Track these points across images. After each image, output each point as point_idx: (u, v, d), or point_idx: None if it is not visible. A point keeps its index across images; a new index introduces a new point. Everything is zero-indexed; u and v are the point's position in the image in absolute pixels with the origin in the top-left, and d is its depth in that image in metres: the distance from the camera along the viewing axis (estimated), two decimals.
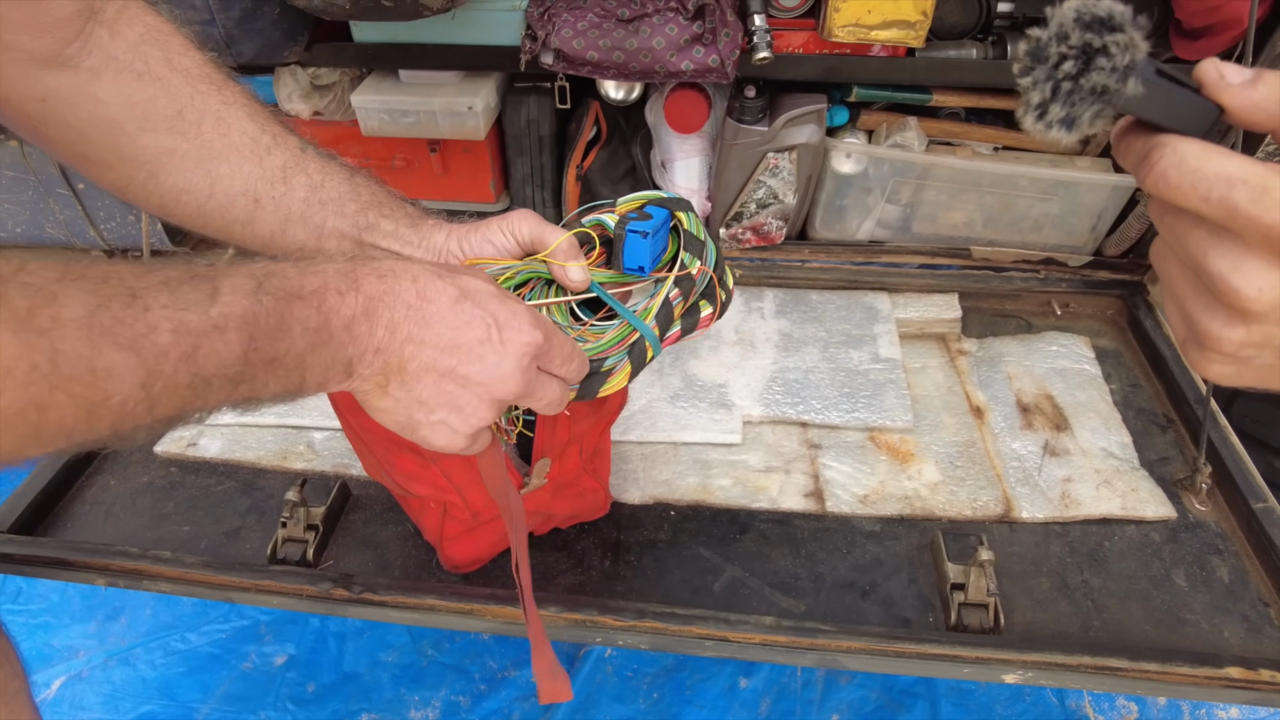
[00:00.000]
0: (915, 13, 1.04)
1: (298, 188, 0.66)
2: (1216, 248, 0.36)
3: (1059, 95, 0.35)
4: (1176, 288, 0.40)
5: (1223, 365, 0.39)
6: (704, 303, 0.75)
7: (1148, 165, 0.36)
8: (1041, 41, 0.35)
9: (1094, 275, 1.34)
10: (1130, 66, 0.34)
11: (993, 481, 1.05)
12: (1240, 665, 0.81)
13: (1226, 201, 0.34)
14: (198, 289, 0.46)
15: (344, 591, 0.89)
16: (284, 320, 0.48)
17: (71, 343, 0.39)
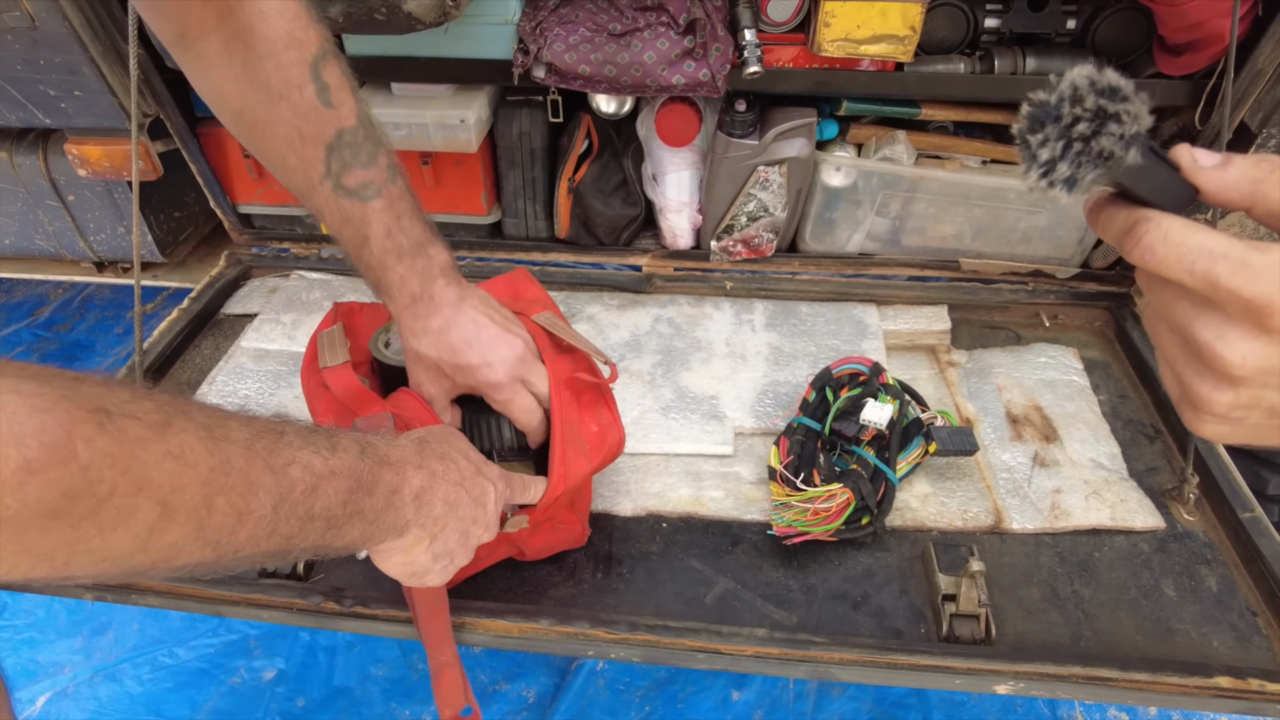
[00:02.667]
0: (904, 28, 1.06)
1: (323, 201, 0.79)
2: (1201, 318, 0.38)
3: (1068, 155, 0.36)
4: (1168, 352, 0.41)
5: (1216, 425, 0.40)
6: None
7: (1133, 238, 0.38)
8: (1052, 103, 0.37)
9: (1081, 287, 1.36)
10: (1136, 136, 0.36)
11: (983, 493, 1.05)
12: (1230, 674, 0.82)
13: (1209, 275, 0.36)
14: (321, 440, 0.56)
15: (335, 605, 0.88)
16: (376, 481, 0.59)
17: (237, 456, 0.47)
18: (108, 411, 0.41)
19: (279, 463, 0.51)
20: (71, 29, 1.11)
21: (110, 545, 0.41)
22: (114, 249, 1.54)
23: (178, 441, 0.44)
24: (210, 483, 0.45)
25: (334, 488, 0.55)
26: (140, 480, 0.41)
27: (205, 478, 0.45)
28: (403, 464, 0.63)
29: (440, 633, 0.84)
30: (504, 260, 1.40)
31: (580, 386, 0.88)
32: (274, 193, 1.41)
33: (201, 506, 0.45)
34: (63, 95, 1.21)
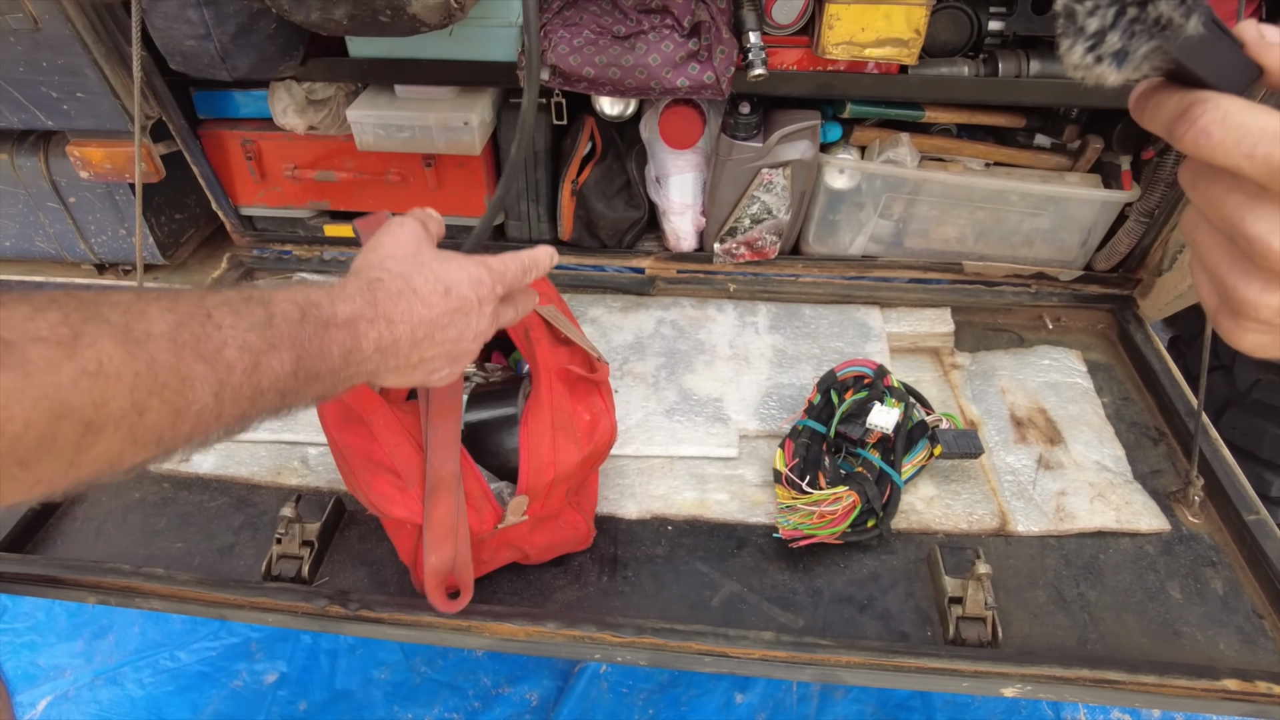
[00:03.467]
0: (908, 31, 1.06)
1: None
2: (1256, 209, 0.35)
3: (1120, 23, 0.33)
4: (1209, 255, 0.38)
5: (1258, 334, 0.38)
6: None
7: (1187, 120, 0.35)
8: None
9: (1084, 289, 1.36)
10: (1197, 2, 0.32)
11: (988, 495, 1.05)
12: (1236, 677, 0.82)
13: (1271, 159, 0.33)
14: (255, 311, 0.52)
15: (340, 609, 0.88)
16: (326, 346, 0.56)
17: (163, 352, 0.45)
18: (7, 342, 0.38)
19: (210, 348, 0.48)
20: (74, 31, 1.10)
21: (36, 474, 0.40)
22: (115, 251, 1.54)
23: (93, 354, 0.41)
24: (138, 389, 0.43)
25: (278, 360, 0.52)
26: (57, 407, 0.39)
27: (131, 385, 0.43)
28: (354, 321, 0.59)
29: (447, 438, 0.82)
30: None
31: (573, 378, 0.89)
32: (276, 195, 1.40)
33: (132, 413, 0.43)
34: (65, 97, 1.20)
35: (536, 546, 0.92)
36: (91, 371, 0.41)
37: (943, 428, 1.04)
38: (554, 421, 0.86)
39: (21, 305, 0.41)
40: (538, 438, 0.84)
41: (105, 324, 0.43)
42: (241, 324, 0.50)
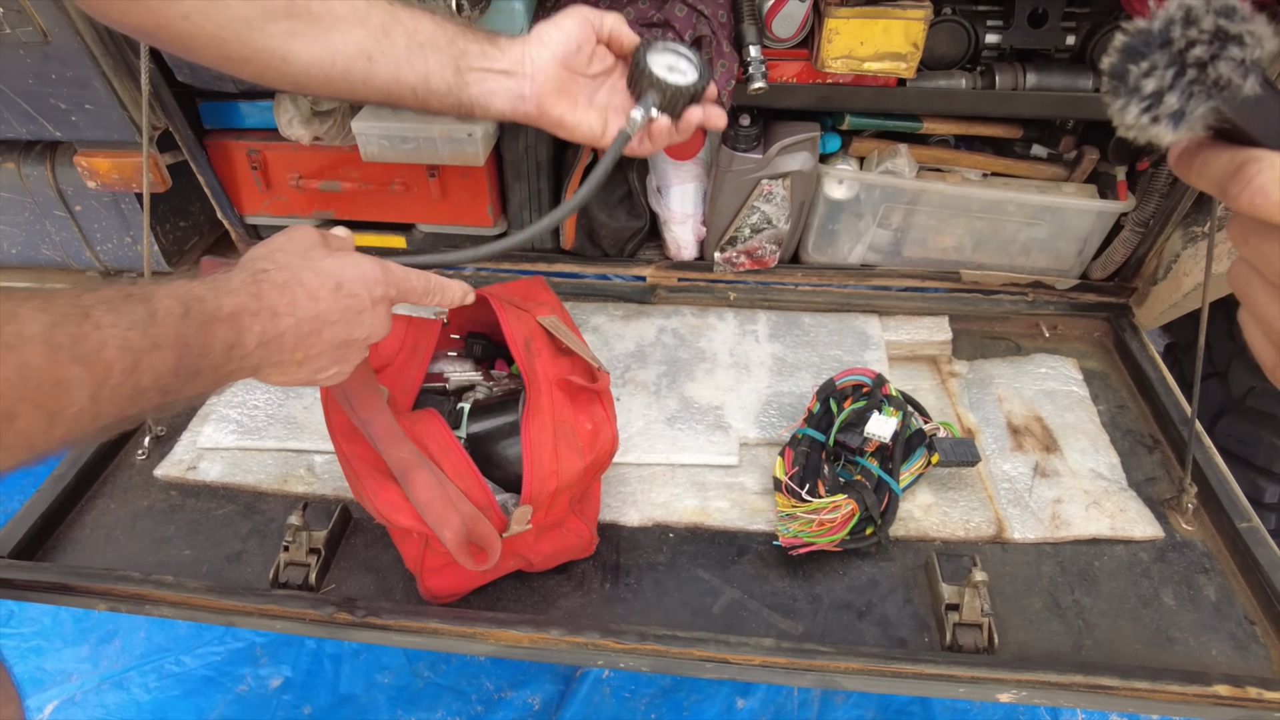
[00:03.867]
0: (906, 44, 1.07)
1: (398, 37, 0.75)
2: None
3: (1178, 85, 0.33)
4: (1264, 311, 0.39)
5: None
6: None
7: (1242, 180, 0.35)
8: (1157, 28, 0.33)
9: (1081, 298, 1.37)
10: (1257, 61, 0.33)
11: (985, 503, 1.06)
12: (1228, 683, 0.83)
13: None
14: (136, 310, 0.51)
15: (347, 615, 0.89)
16: (208, 342, 0.55)
17: (34, 356, 0.44)
18: None
19: (87, 349, 0.47)
20: (84, 44, 1.12)
21: None
22: (120, 258, 1.55)
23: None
24: (5, 395, 0.42)
25: (160, 359, 0.51)
26: None
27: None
28: (238, 314, 0.58)
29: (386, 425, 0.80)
30: (510, 271, 1.41)
31: (574, 388, 0.91)
32: (281, 204, 1.42)
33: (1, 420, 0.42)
34: (73, 109, 1.22)
35: (541, 554, 0.93)
36: None
37: (940, 436, 1.06)
38: (556, 431, 0.87)
39: None
40: (540, 448, 0.85)
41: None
42: (122, 322, 0.49)
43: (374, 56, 0.74)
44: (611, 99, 0.85)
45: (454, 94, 0.78)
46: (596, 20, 0.80)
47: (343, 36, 0.73)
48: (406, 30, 0.75)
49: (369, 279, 0.68)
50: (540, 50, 0.79)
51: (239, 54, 0.71)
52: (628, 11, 1.10)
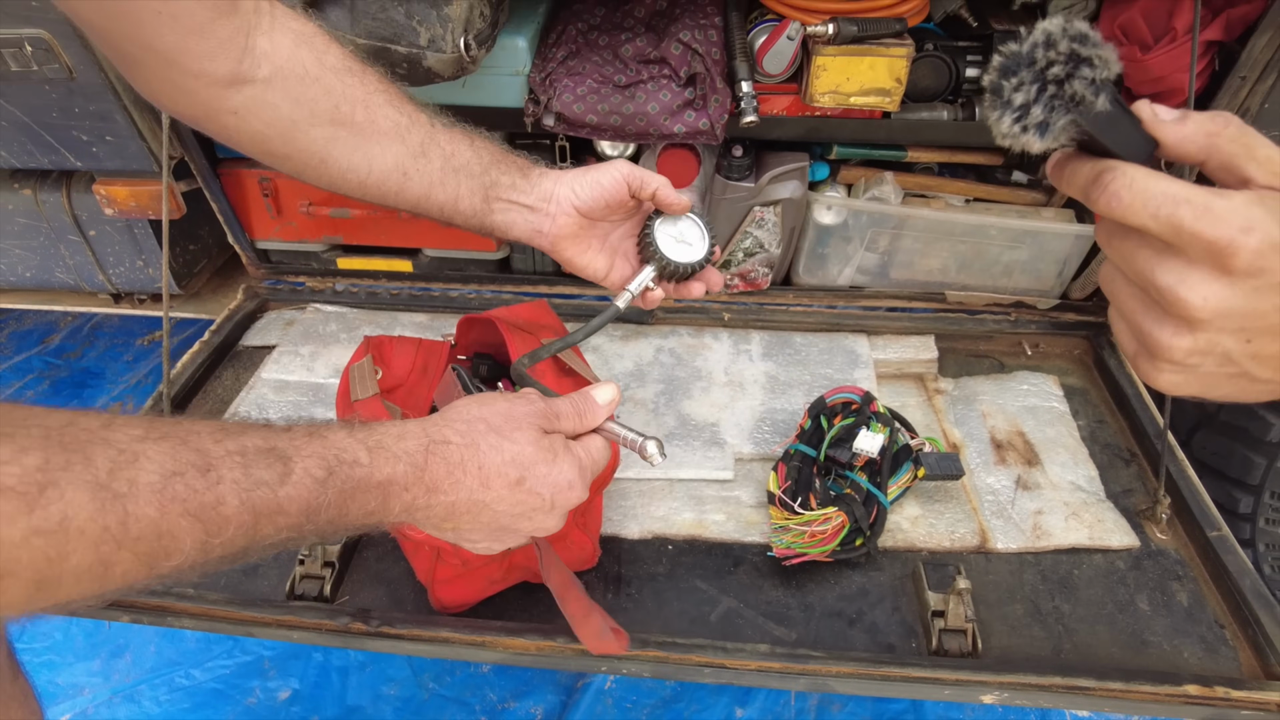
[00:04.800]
0: (890, 80, 1.13)
1: (434, 159, 0.78)
2: (1164, 263, 0.40)
3: (1041, 98, 0.38)
4: (1126, 305, 0.44)
5: (1172, 374, 0.42)
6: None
7: (1100, 186, 0.40)
8: (1025, 50, 0.38)
9: (1061, 317, 1.43)
10: (1105, 81, 0.38)
11: (969, 514, 1.11)
12: (1198, 683, 0.88)
13: (1173, 219, 0.38)
14: (271, 468, 0.50)
15: (362, 626, 0.93)
16: (344, 509, 0.54)
17: (144, 506, 0.43)
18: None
19: (203, 504, 0.46)
20: (107, 80, 1.17)
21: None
22: (131, 281, 1.60)
23: (57, 510, 0.40)
24: (104, 543, 0.42)
25: (282, 519, 0.50)
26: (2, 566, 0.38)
27: (96, 539, 0.41)
28: (388, 484, 0.56)
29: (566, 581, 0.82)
30: (513, 294, 1.46)
31: None
32: (291, 229, 1.47)
33: (96, 566, 0.42)
34: (94, 140, 1.27)
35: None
36: (49, 530, 0.39)
37: (926, 451, 1.11)
38: None
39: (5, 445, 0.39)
40: None
41: (86, 470, 0.42)
42: (247, 481, 0.48)
43: (409, 173, 0.77)
44: (622, 243, 0.87)
45: (479, 217, 0.82)
46: (637, 181, 0.80)
47: (381, 150, 0.76)
48: (444, 153, 0.78)
49: (561, 483, 0.64)
50: (568, 194, 0.81)
51: (280, 151, 0.74)
52: (625, 49, 1.16)
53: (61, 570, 0.40)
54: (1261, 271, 0.38)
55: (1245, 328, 0.40)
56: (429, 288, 1.50)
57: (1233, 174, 0.41)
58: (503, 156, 0.83)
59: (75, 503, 0.41)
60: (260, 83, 0.70)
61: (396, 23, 1.02)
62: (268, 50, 0.70)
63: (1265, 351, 0.40)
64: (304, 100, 0.72)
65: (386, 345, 1.02)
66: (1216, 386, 0.43)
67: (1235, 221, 0.37)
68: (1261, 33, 1.02)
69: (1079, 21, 0.38)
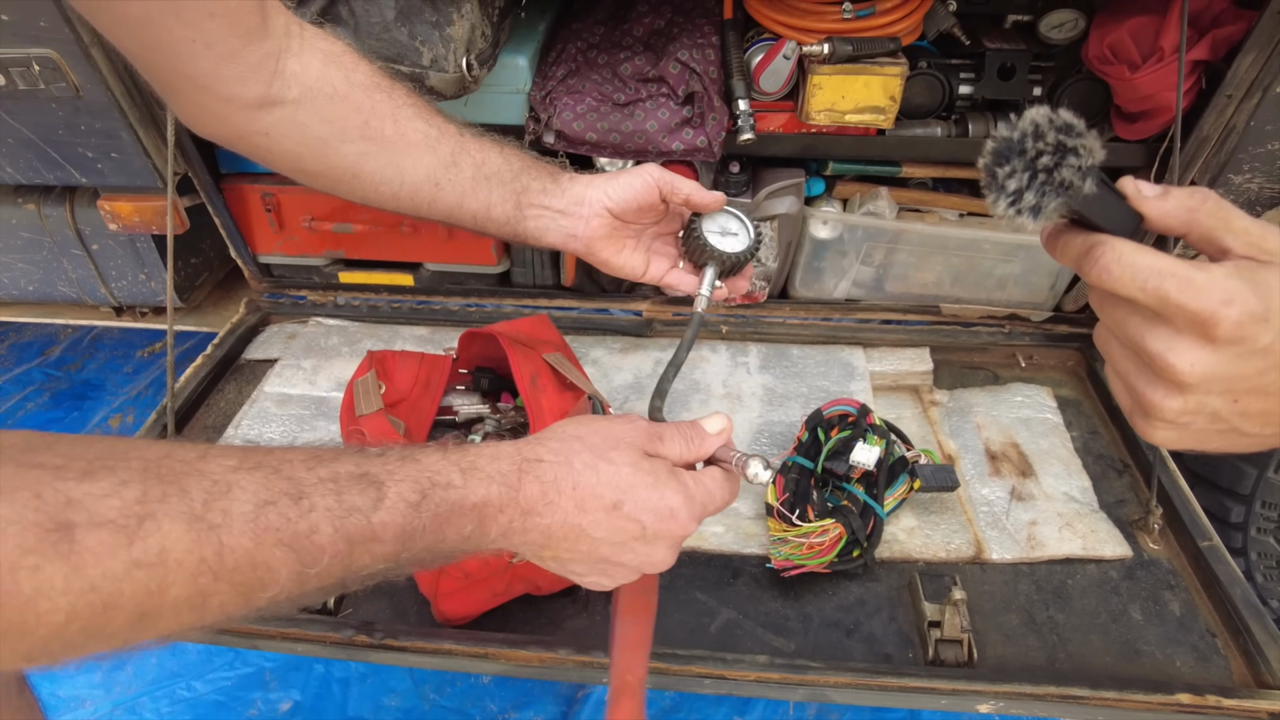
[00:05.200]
0: (884, 98, 1.15)
1: (465, 168, 0.79)
2: (1152, 331, 0.42)
3: (1033, 185, 0.40)
4: (1120, 366, 0.46)
5: (1166, 431, 0.45)
6: None
7: (1091, 259, 0.43)
8: (1015, 139, 0.41)
9: (1054, 329, 1.45)
10: (1091, 167, 0.41)
11: (964, 525, 1.13)
12: (1189, 691, 0.89)
13: (1159, 291, 0.41)
14: (365, 494, 0.49)
15: (366, 638, 0.95)
16: (440, 534, 0.53)
17: (238, 537, 0.43)
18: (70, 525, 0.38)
19: (297, 533, 0.46)
20: (113, 98, 1.19)
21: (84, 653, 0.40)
22: (133, 294, 1.61)
23: (155, 542, 0.40)
24: (201, 574, 0.42)
25: (378, 546, 0.49)
26: (107, 599, 0.39)
27: (194, 571, 0.42)
28: (484, 505, 0.54)
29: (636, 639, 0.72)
30: (514, 307, 1.48)
31: None
32: (293, 244, 1.48)
33: (195, 597, 0.42)
34: (100, 157, 1.29)
35: (548, 579, 0.99)
36: (148, 562, 0.40)
37: (921, 463, 1.13)
38: None
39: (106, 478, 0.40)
40: None
41: (182, 501, 0.42)
42: (340, 508, 0.48)
43: (441, 183, 0.78)
44: (654, 243, 0.87)
45: (511, 224, 0.81)
46: (668, 185, 0.79)
47: (413, 162, 0.77)
48: (474, 162, 0.79)
49: (662, 510, 0.59)
50: (599, 196, 0.80)
51: (313, 169, 0.75)
52: (624, 68, 1.18)
53: (162, 602, 0.41)
54: (1242, 340, 0.40)
55: (1231, 389, 0.42)
56: (430, 301, 1.52)
57: (1212, 244, 0.44)
58: (532, 163, 0.83)
59: (172, 537, 0.41)
60: (290, 104, 0.71)
61: (400, 43, 1.04)
62: (297, 72, 0.71)
63: (1251, 409, 0.43)
64: (334, 118, 0.73)
65: (389, 360, 1.03)
66: (1209, 441, 0.45)
67: (1216, 294, 0.40)
68: (1246, 53, 1.05)
69: (1064, 112, 0.40)
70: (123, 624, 0.40)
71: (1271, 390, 0.42)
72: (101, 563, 0.38)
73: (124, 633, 0.40)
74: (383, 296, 1.53)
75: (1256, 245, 0.42)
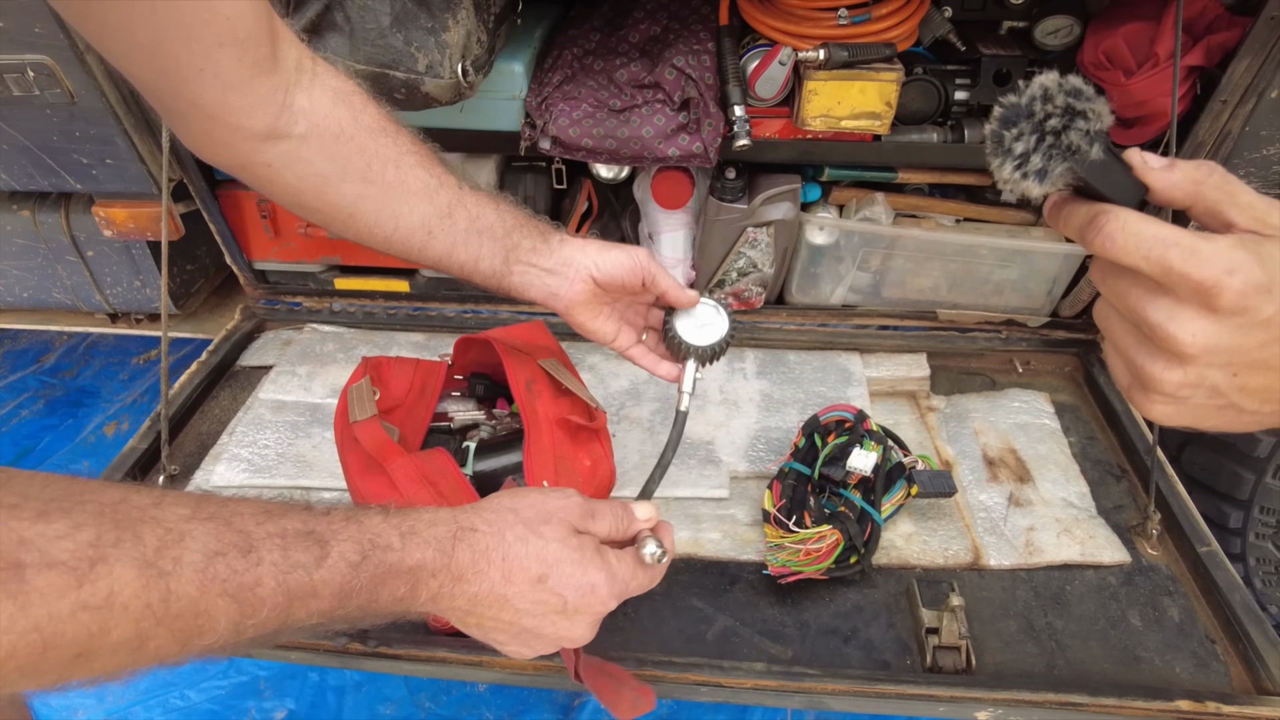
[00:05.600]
0: (880, 104, 1.15)
1: (460, 220, 0.81)
2: (1154, 301, 0.42)
3: (1040, 147, 0.41)
4: (1120, 340, 0.46)
5: (1164, 405, 0.45)
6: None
7: (1095, 227, 0.43)
8: (1024, 102, 0.41)
9: (1052, 335, 1.45)
10: (1100, 132, 0.41)
11: (962, 531, 1.12)
12: (1189, 698, 0.89)
13: (1163, 260, 0.41)
14: (309, 551, 0.51)
15: (360, 646, 0.94)
16: (375, 594, 0.55)
17: (186, 585, 0.45)
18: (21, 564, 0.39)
19: (242, 585, 0.47)
20: (108, 104, 1.18)
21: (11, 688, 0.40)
22: (128, 301, 1.61)
23: (104, 585, 0.41)
24: (145, 619, 0.43)
25: (315, 602, 0.51)
26: (48, 639, 0.39)
27: (139, 616, 0.43)
28: (418, 570, 0.57)
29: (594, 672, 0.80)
30: (512, 313, 1.48)
31: (573, 426, 0.97)
32: (289, 250, 1.48)
33: (134, 640, 0.43)
34: (95, 163, 1.28)
35: None
36: (95, 605, 0.41)
37: (919, 469, 1.12)
38: (557, 468, 0.93)
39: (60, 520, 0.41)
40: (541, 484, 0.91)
41: (135, 547, 0.44)
42: (285, 563, 0.50)
43: (434, 232, 0.80)
44: (627, 312, 0.92)
45: (497, 278, 0.84)
46: (650, 277, 0.85)
47: (410, 209, 0.78)
48: (469, 215, 0.81)
49: (584, 586, 0.62)
50: (588, 264, 0.84)
51: (311, 204, 0.76)
52: (620, 74, 1.18)
53: (102, 644, 0.42)
54: (1245, 310, 0.40)
55: (1231, 362, 0.42)
56: (425, 308, 1.52)
57: (1217, 218, 0.44)
58: (525, 221, 0.85)
59: (121, 579, 0.42)
60: (296, 138, 0.72)
61: (395, 49, 1.04)
62: (305, 107, 0.71)
63: (1251, 384, 0.43)
64: (337, 157, 0.74)
65: (384, 366, 1.03)
66: (1207, 417, 0.45)
67: (1220, 263, 0.40)
68: (1240, 59, 1.05)
69: (1074, 77, 0.40)
70: (59, 664, 0.40)
71: (1272, 365, 0.42)
72: (48, 603, 0.39)
73: (57, 672, 0.41)
74: (378, 303, 1.52)
75: (1261, 220, 0.42)
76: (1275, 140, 1.11)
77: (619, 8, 1.35)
